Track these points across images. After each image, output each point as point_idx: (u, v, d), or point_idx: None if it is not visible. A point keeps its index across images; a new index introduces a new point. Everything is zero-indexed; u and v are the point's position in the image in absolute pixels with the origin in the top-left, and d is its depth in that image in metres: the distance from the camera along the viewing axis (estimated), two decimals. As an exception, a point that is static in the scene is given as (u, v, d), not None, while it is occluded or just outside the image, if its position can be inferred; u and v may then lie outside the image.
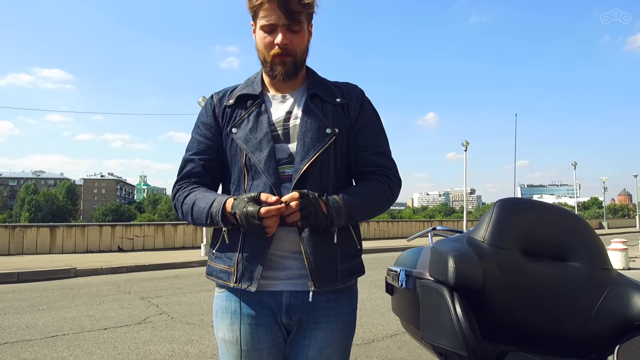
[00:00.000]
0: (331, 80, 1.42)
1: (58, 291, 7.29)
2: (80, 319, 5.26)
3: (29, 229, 12.68)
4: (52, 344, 4.25)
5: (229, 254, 1.27)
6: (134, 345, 4.21)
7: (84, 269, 9.32)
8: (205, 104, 1.39)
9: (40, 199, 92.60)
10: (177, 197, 1.32)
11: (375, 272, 9.51)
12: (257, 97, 1.31)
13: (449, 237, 1.43)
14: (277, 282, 1.25)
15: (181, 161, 1.37)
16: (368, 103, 1.38)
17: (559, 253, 1.29)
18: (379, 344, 4.27)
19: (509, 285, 1.21)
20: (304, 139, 1.25)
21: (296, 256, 1.24)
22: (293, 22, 1.23)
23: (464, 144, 22.42)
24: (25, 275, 8.54)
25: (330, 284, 1.23)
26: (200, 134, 1.35)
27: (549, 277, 1.24)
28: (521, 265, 1.24)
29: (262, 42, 1.26)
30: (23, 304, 6.15)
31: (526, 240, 1.28)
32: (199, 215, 1.24)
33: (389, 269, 1.80)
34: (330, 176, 1.27)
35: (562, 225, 1.33)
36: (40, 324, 5.01)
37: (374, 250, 14.82)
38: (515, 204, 1.35)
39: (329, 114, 1.29)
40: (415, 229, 22.74)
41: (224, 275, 1.27)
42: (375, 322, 5.07)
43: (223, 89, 1.40)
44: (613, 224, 42.26)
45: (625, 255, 10.33)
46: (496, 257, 1.22)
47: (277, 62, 1.26)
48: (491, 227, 1.28)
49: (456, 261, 1.17)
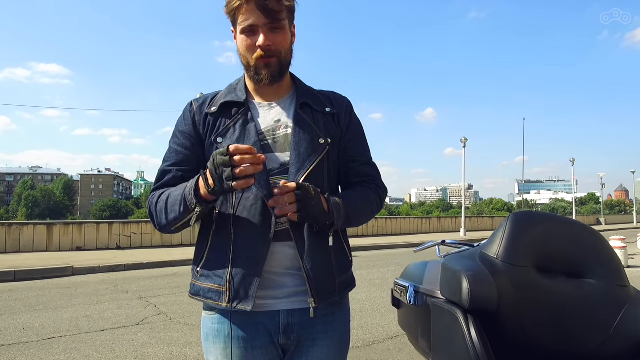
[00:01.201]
0: (317, 89, 1.38)
1: (55, 290, 7.23)
2: (77, 319, 5.20)
3: (25, 227, 12.59)
4: (48, 346, 4.19)
5: (217, 271, 1.18)
6: (131, 347, 4.16)
7: (81, 268, 9.25)
8: (184, 112, 1.30)
9: (38, 194, 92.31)
10: (151, 201, 1.24)
11: (374, 270, 9.49)
12: (242, 105, 1.25)
13: (460, 253, 1.38)
14: (273, 301, 1.18)
15: (158, 172, 1.29)
16: (355, 114, 1.37)
17: (575, 269, 1.24)
18: (380, 346, 4.23)
19: (524, 304, 1.16)
20: (299, 150, 1.20)
21: (292, 273, 1.18)
22: (274, 22, 1.17)
23: (463, 141, 22.37)
24: (22, 274, 8.47)
25: (329, 297, 1.20)
26: (179, 144, 1.27)
27: (564, 294, 1.19)
28: (536, 283, 1.19)
29: (244, 46, 1.20)
30: (19, 304, 6.09)
31: (541, 256, 1.23)
32: (173, 205, 1.15)
33: (396, 282, 1.75)
34: (324, 187, 1.23)
35: (577, 239, 1.28)
36: (37, 325, 4.95)
37: (373, 247, 14.79)
38: (529, 218, 1.30)
39: (320, 124, 1.26)
40: (414, 226, 22.72)
41: (214, 295, 1.18)
42: (375, 323, 5.02)
43: (203, 95, 1.33)
44: (610, 220, 42.41)
45: (625, 253, 10.32)
46: (510, 275, 1.17)
47: (262, 65, 1.20)
48: (505, 242, 1.23)
49: (471, 282, 1.12)
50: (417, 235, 20.44)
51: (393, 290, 1.80)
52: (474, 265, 1.19)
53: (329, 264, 1.21)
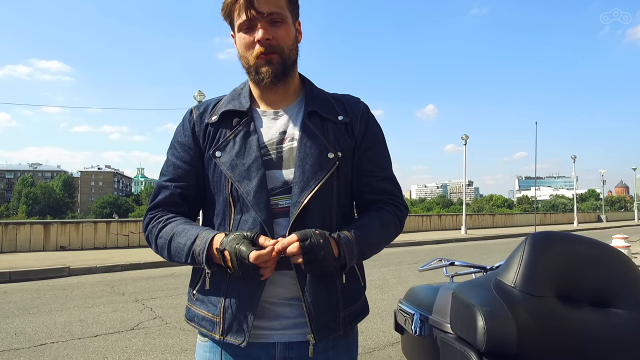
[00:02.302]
0: (331, 92, 1.23)
1: (50, 292, 7.11)
2: (70, 324, 5.08)
3: (22, 226, 12.46)
4: (39, 353, 4.07)
5: (212, 298, 1.09)
6: (124, 355, 4.04)
7: (77, 268, 9.13)
8: (183, 121, 1.19)
9: (38, 191, 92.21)
10: (149, 229, 1.13)
11: (374, 270, 9.36)
12: (245, 114, 1.11)
13: (473, 281, 1.25)
14: (270, 332, 1.07)
15: (155, 187, 1.19)
16: (373, 119, 1.21)
17: (601, 297, 1.11)
18: (380, 354, 4.10)
19: (546, 341, 1.03)
20: (304, 166, 1.06)
21: (292, 303, 1.07)
22: (273, 14, 1.05)
23: (464, 138, 22.21)
24: (18, 275, 8.35)
25: (331, 334, 1.07)
26: (177, 157, 1.16)
27: (589, 327, 1.06)
28: (559, 316, 1.06)
29: (242, 44, 1.08)
30: (13, 307, 5.96)
31: (563, 284, 1.10)
32: (177, 252, 1.07)
33: (400, 306, 1.61)
34: (334, 208, 1.10)
35: (602, 262, 1.15)
36: (30, 330, 4.83)
37: (373, 245, 14.67)
38: (549, 240, 1.16)
39: (330, 135, 1.11)
40: (414, 224, 22.59)
41: (207, 324, 1.09)
42: (375, 328, 4.89)
43: (205, 101, 1.20)
44: (611, 217, 42.29)
45: (628, 252, 10.18)
46: (530, 307, 1.04)
47: (262, 62, 1.07)
48: (522, 269, 1.09)
49: (487, 320, 0.99)
50: (417, 234, 20.32)
51: (396, 313, 1.67)
52: (489, 298, 1.05)
53: (334, 295, 1.08)
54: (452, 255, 12.24)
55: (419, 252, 13.31)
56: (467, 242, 17.70)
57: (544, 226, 29.50)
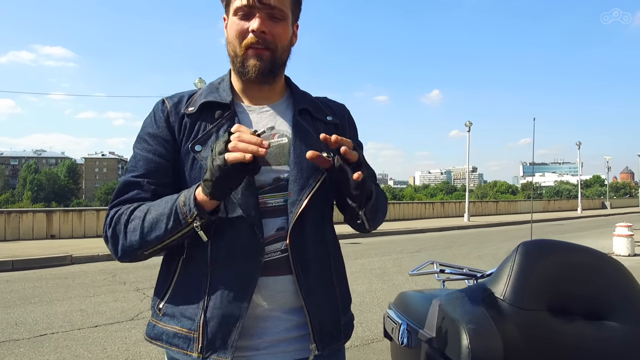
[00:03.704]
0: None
1: (52, 281, 7.15)
2: (71, 314, 5.10)
3: (24, 215, 12.51)
4: (39, 344, 4.09)
5: (187, 310, 0.96)
6: (124, 346, 4.05)
7: (80, 256, 9.18)
8: (154, 111, 1.07)
9: (42, 178, 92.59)
10: (116, 219, 0.96)
11: (375, 259, 9.36)
12: (228, 107, 1.03)
13: (461, 292, 1.20)
14: (254, 352, 0.97)
15: (119, 184, 1.03)
16: (355, 123, 1.20)
17: (595, 309, 1.06)
18: (379, 345, 4.10)
19: (535, 355, 0.99)
20: (301, 164, 1.00)
21: (278, 315, 0.98)
22: (275, 8, 0.98)
23: (468, 125, 22.03)
24: (20, 264, 8.40)
25: (333, 342, 1.01)
26: (149, 150, 1.02)
27: (582, 340, 1.02)
28: (549, 329, 1.02)
29: (234, 29, 1.00)
30: (15, 296, 6.00)
31: (555, 296, 1.06)
32: (155, 222, 0.91)
33: (388, 313, 1.58)
34: (328, 206, 1.07)
35: (597, 272, 1.10)
36: (30, 320, 4.85)
37: (375, 233, 14.64)
38: (541, 250, 1.11)
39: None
40: (417, 211, 22.55)
41: (181, 341, 0.95)
42: (375, 319, 4.88)
43: (177, 93, 1.10)
44: (616, 204, 42.06)
45: (631, 241, 10.12)
46: (519, 321, 1.00)
47: (251, 54, 0.99)
48: (513, 281, 1.04)
49: (472, 339, 0.95)
50: (420, 221, 20.30)
51: (385, 319, 1.63)
52: (476, 312, 1.01)
53: (334, 301, 1.03)
54: (454, 243, 12.24)
55: (421, 240, 13.30)
56: (470, 230, 17.67)
57: (547, 213, 29.38)
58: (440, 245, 12.06)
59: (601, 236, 14.10)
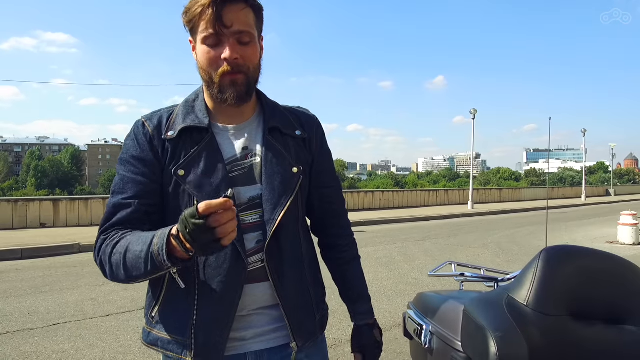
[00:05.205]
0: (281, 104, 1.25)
1: (61, 269, 7.24)
2: (82, 303, 5.18)
3: (31, 203, 12.60)
4: (53, 333, 4.17)
5: (178, 318, 1.04)
6: (136, 335, 4.12)
7: (88, 245, 9.24)
8: (136, 134, 1.09)
9: (46, 164, 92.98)
10: (102, 250, 1.01)
11: (381, 247, 9.42)
12: (206, 131, 1.08)
13: (484, 296, 1.23)
14: (240, 343, 1.07)
15: (108, 207, 1.06)
16: (324, 133, 1.26)
17: (614, 312, 1.09)
18: (386, 335, 4.14)
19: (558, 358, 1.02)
20: (272, 183, 1.07)
21: (262, 312, 1.08)
22: (242, 32, 1.01)
23: (472, 112, 21.92)
24: (29, 252, 8.49)
25: (311, 337, 1.13)
26: (136, 172, 1.06)
27: (603, 344, 1.05)
28: (571, 334, 1.04)
29: (206, 58, 1.03)
30: (25, 285, 6.09)
31: (576, 301, 1.08)
32: (135, 262, 0.94)
33: (409, 314, 1.61)
34: (300, 219, 1.15)
35: (616, 277, 1.12)
36: (42, 309, 4.93)
37: (380, 221, 14.72)
38: (564, 256, 1.14)
39: (291, 150, 1.13)
40: (421, 199, 22.59)
41: (175, 347, 1.04)
42: (381, 309, 4.93)
43: (154, 113, 1.13)
44: (620, 191, 41.99)
45: (636, 230, 10.14)
46: (542, 327, 1.03)
47: (227, 82, 1.03)
48: (536, 287, 1.07)
49: (500, 347, 0.98)
50: (424, 209, 20.35)
51: (405, 319, 1.67)
52: (501, 319, 1.04)
53: (308, 299, 1.14)
54: (459, 231, 12.29)
55: (426, 228, 13.35)
56: (474, 218, 17.72)
57: (550, 200, 29.38)
58: (445, 233, 12.11)
59: (606, 224, 14.12)
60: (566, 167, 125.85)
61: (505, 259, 8.10)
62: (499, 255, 8.54)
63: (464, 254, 8.69)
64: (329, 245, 1.28)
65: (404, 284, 6.11)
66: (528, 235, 11.39)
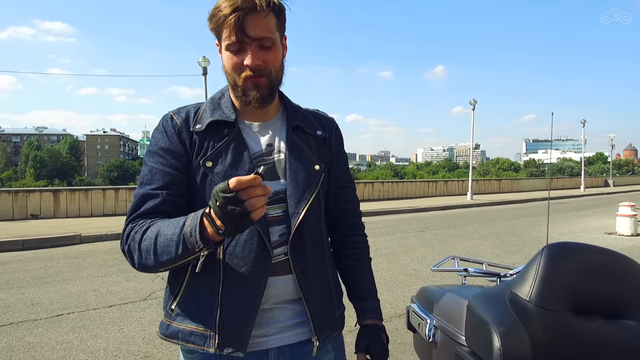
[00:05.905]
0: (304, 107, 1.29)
1: (63, 260, 7.28)
2: (85, 294, 5.23)
3: (32, 194, 12.62)
4: (57, 324, 4.21)
5: (202, 310, 1.05)
6: (139, 326, 4.17)
7: (88, 235, 9.31)
8: (164, 127, 1.12)
9: (44, 155, 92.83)
10: (131, 237, 1.02)
11: (380, 238, 9.47)
12: (233, 125, 1.11)
13: (487, 291, 1.26)
14: (263, 339, 1.08)
15: (136, 197, 1.08)
16: (342, 136, 1.32)
17: (614, 308, 1.12)
18: (387, 326, 4.17)
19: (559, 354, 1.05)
20: (297, 179, 1.11)
21: (285, 306, 1.10)
22: (263, 39, 1.04)
23: (472, 103, 21.88)
24: (30, 243, 8.54)
25: (331, 333, 1.15)
26: (164, 164, 1.08)
27: (603, 339, 1.08)
28: (572, 328, 1.07)
29: (230, 64, 1.07)
30: (28, 276, 6.13)
31: (578, 296, 1.11)
32: (166, 246, 0.95)
33: (413, 308, 1.64)
34: (322, 215, 1.18)
35: (616, 273, 1.15)
36: (46, 300, 4.98)
37: (379, 212, 14.77)
38: (566, 252, 1.16)
39: (313, 148, 1.18)
40: (420, 190, 22.64)
41: (198, 339, 1.05)
42: (381, 299, 4.86)
43: (181, 108, 1.17)
44: (619, 182, 42.07)
45: (634, 221, 10.19)
46: (545, 321, 1.06)
47: (250, 86, 1.07)
48: (538, 283, 1.10)
49: (503, 342, 1.01)
50: (423, 199, 20.41)
51: (409, 313, 1.70)
52: (504, 314, 1.07)
53: (329, 296, 1.16)
54: (458, 222, 12.34)
55: (425, 219, 13.40)
56: (473, 209, 17.78)
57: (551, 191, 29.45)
58: (444, 224, 12.16)
59: (604, 215, 14.19)
60: (565, 158, 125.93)
61: (504, 249, 8.15)
62: (498, 246, 8.59)
63: (464, 244, 8.74)
64: (341, 242, 1.30)
65: (404, 275, 6.16)
66: (527, 226, 11.45)
